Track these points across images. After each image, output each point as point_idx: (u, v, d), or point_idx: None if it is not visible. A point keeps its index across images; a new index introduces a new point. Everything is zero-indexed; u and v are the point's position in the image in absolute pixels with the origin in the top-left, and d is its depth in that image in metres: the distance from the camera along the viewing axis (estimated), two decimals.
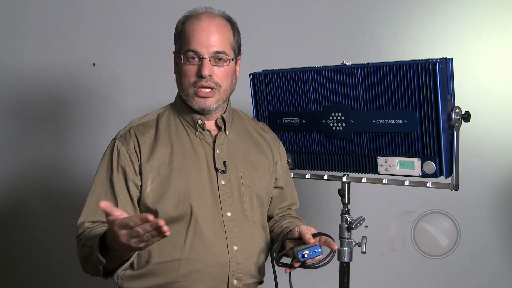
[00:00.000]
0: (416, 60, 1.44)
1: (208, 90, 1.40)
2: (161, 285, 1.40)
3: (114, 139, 1.48)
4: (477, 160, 2.18)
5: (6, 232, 2.61)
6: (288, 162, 1.73)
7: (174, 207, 1.39)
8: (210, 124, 1.49)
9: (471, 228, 2.24)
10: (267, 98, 1.72)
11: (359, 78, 1.53)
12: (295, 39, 2.33)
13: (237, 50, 1.48)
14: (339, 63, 1.58)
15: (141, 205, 1.42)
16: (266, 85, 1.72)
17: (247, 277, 1.46)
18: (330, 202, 2.04)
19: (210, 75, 1.39)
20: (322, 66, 1.60)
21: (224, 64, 1.41)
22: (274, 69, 1.71)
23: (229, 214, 1.44)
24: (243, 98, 1.72)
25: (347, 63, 1.57)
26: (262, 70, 1.74)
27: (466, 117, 1.47)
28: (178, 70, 1.45)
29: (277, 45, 2.33)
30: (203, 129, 1.46)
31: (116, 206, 1.37)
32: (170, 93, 1.59)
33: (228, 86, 1.45)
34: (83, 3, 2.49)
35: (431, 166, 1.47)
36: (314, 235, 1.39)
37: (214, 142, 1.47)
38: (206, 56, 1.39)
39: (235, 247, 1.43)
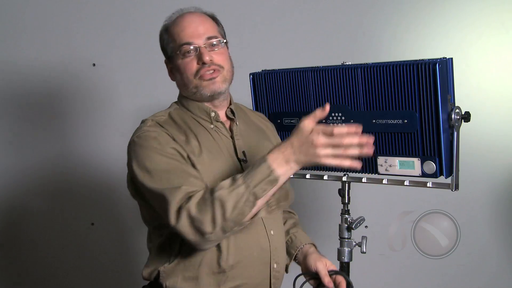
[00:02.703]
0: (416, 60, 1.44)
1: (212, 71, 1.41)
2: (206, 275, 1.38)
3: (141, 132, 1.39)
4: (477, 160, 2.18)
5: (5, 232, 2.61)
6: None
7: None
8: (221, 116, 1.50)
9: (471, 228, 2.24)
10: (267, 98, 1.72)
11: (359, 78, 1.53)
12: (295, 39, 2.33)
13: (225, 37, 1.51)
14: (339, 63, 1.58)
15: None
16: (266, 85, 1.72)
17: (282, 260, 1.50)
18: (330, 202, 2.04)
19: (211, 60, 1.41)
20: (322, 66, 1.60)
21: (220, 47, 1.44)
22: (274, 69, 1.71)
23: None
24: (243, 98, 1.72)
25: (347, 63, 1.57)
26: (262, 70, 1.74)
27: (466, 117, 1.47)
28: (177, 69, 1.46)
29: (277, 45, 2.33)
30: (218, 121, 1.48)
31: (197, 177, 1.32)
32: (170, 93, 1.59)
33: (230, 67, 1.47)
34: (83, 3, 2.49)
35: (431, 166, 1.47)
36: (330, 272, 1.51)
37: (231, 134, 1.48)
38: (201, 44, 1.41)
39: (272, 232, 1.45)
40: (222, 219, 1.21)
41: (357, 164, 1.18)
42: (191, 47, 1.41)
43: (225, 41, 1.47)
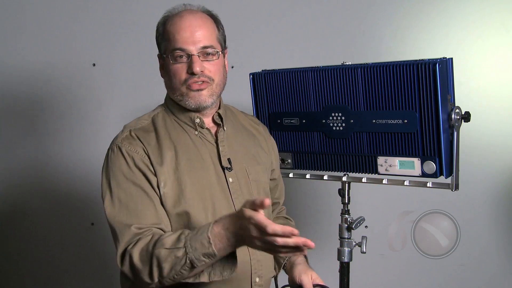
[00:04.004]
0: (416, 60, 1.44)
1: (200, 82, 1.37)
2: None
3: (115, 145, 1.37)
4: (477, 160, 2.18)
5: (5, 232, 2.61)
6: (288, 162, 1.73)
7: (190, 210, 1.34)
8: (207, 122, 1.45)
9: (471, 228, 2.24)
10: (267, 98, 1.72)
11: (359, 78, 1.53)
12: (295, 39, 2.33)
13: (223, 44, 1.45)
14: (339, 63, 1.58)
15: None
16: (266, 85, 1.72)
17: (267, 272, 1.45)
18: (330, 202, 2.04)
19: (201, 71, 1.36)
20: (322, 66, 1.60)
21: (214, 58, 1.38)
22: (274, 69, 1.71)
23: None
24: (243, 98, 1.72)
25: (347, 63, 1.57)
26: (262, 70, 1.74)
27: (466, 117, 1.47)
28: (167, 71, 1.41)
29: (277, 45, 2.33)
30: (202, 128, 1.43)
31: (155, 209, 1.31)
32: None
33: (220, 80, 1.41)
34: (83, 3, 2.49)
35: (431, 166, 1.47)
36: (315, 287, 1.46)
37: (216, 140, 1.44)
38: (195, 53, 1.35)
39: None
40: (160, 276, 1.21)
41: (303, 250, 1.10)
42: (184, 54, 1.36)
43: (220, 52, 1.40)
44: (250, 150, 1.52)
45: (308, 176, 1.74)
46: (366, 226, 2.11)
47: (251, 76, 1.75)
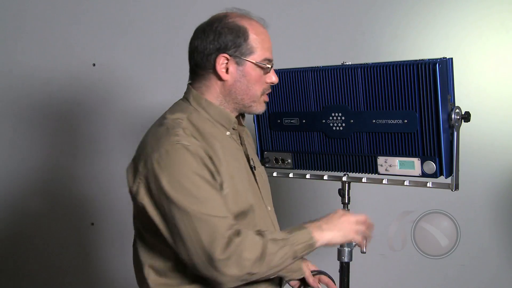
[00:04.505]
0: (416, 60, 1.44)
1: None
2: None
3: (176, 142, 1.24)
4: (477, 160, 2.18)
5: (5, 232, 2.61)
6: (288, 162, 1.73)
7: (243, 207, 1.34)
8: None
9: (471, 228, 2.24)
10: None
11: (359, 78, 1.53)
12: (295, 39, 2.33)
13: None
14: (339, 63, 1.58)
15: None
16: None
17: None
18: (330, 202, 2.03)
19: None
20: (322, 66, 1.60)
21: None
22: (274, 69, 1.70)
23: (269, 208, 1.47)
24: None
25: (347, 63, 1.57)
26: None
27: (466, 117, 1.47)
28: (249, 77, 1.35)
29: (276, 45, 2.32)
30: (234, 129, 1.44)
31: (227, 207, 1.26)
32: (170, 93, 1.58)
33: None
34: (83, 3, 2.49)
35: (431, 166, 1.47)
36: (313, 273, 1.55)
37: (241, 141, 1.47)
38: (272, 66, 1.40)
39: None
40: (267, 266, 1.23)
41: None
42: (271, 64, 1.39)
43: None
44: (254, 149, 1.58)
45: (308, 176, 1.74)
46: None
47: None
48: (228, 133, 1.40)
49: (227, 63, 1.33)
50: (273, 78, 1.40)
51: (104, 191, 2.54)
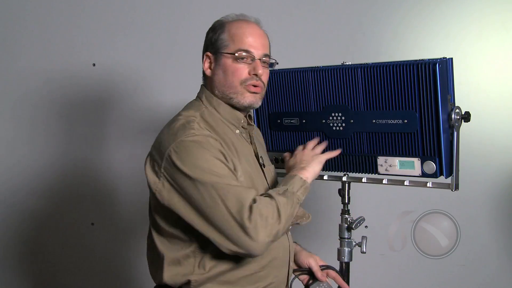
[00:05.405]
0: (416, 60, 1.44)
1: (257, 86, 1.43)
2: (241, 278, 1.39)
3: (194, 136, 1.32)
4: (477, 160, 2.18)
5: (6, 232, 2.61)
6: None
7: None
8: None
9: (471, 228, 2.24)
10: (267, 98, 1.72)
11: (359, 78, 1.53)
12: (295, 39, 2.33)
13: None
14: (339, 63, 1.58)
15: None
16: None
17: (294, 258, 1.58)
18: (330, 202, 2.04)
19: (262, 75, 1.43)
20: (322, 66, 1.60)
21: (268, 68, 1.48)
22: (274, 69, 1.70)
23: None
24: None
25: (347, 63, 1.57)
26: None
27: (466, 117, 1.47)
28: (224, 68, 1.42)
29: (276, 45, 2.32)
30: (244, 128, 1.49)
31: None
32: (170, 92, 1.59)
33: (266, 87, 1.50)
34: (83, 3, 2.49)
35: (431, 166, 1.47)
36: (321, 267, 1.59)
37: (250, 139, 1.51)
38: (258, 57, 1.42)
39: (289, 232, 1.53)
40: (284, 217, 1.30)
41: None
42: (248, 56, 1.41)
43: (277, 63, 1.49)
44: (264, 148, 1.62)
45: None
46: (366, 226, 2.11)
47: None
48: (237, 131, 1.47)
49: (210, 61, 1.45)
50: (256, 69, 1.41)
51: (104, 191, 2.54)
